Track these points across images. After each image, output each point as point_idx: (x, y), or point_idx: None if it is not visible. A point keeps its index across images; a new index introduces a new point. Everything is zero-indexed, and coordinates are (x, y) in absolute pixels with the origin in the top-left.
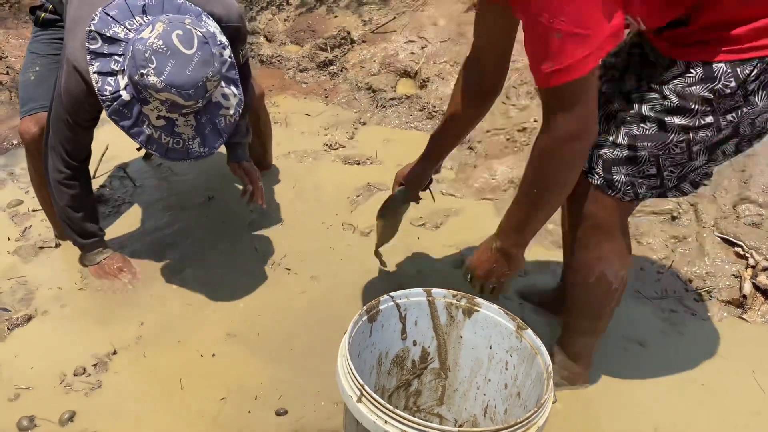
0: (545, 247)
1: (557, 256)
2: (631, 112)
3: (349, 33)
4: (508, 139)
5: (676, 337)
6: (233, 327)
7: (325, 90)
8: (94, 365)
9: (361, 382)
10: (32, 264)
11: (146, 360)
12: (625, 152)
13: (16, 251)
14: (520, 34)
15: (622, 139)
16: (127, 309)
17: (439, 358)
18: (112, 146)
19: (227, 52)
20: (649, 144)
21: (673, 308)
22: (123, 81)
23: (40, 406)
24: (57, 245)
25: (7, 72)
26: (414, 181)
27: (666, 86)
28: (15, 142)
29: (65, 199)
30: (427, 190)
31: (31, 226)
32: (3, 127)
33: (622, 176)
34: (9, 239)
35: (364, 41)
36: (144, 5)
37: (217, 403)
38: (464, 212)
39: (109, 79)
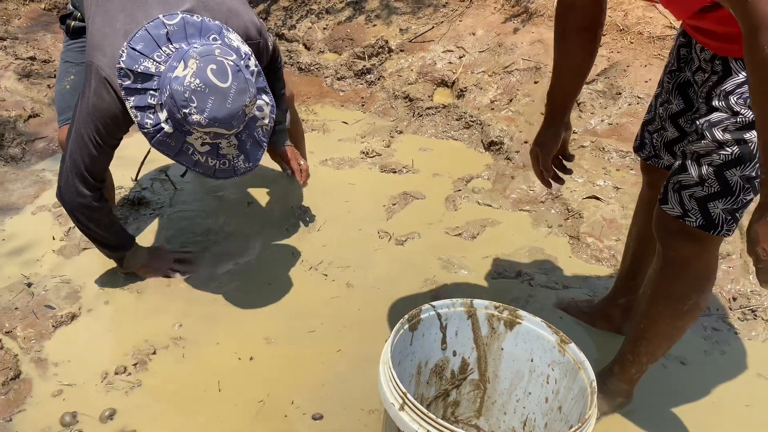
0: (584, 260)
1: (596, 269)
2: (703, 142)
3: (387, 42)
4: None
5: (718, 355)
6: (271, 331)
7: (362, 98)
8: (135, 364)
9: (404, 390)
10: (76, 263)
11: (185, 361)
12: (716, 186)
13: (61, 250)
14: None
15: (707, 173)
16: (166, 310)
17: (479, 369)
18: (154, 151)
19: (253, 62)
20: (737, 169)
21: (716, 326)
22: (163, 115)
23: (82, 402)
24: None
25: (55, 75)
26: (545, 144)
27: (729, 100)
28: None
29: (93, 221)
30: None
31: (74, 226)
32: (50, 128)
33: (720, 211)
34: (54, 239)
35: (401, 50)
36: (167, 33)
37: (255, 406)
38: (501, 223)
39: (147, 112)
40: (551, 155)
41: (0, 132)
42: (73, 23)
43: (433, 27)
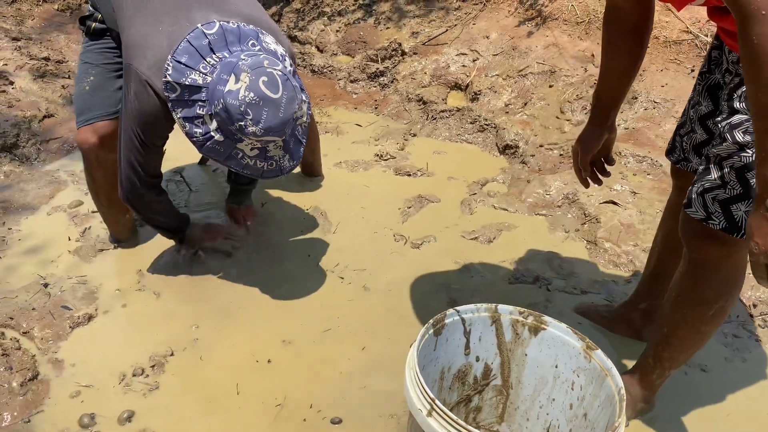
0: (601, 265)
1: (614, 274)
2: (725, 144)
3: (400, 45)
4: (561, 155)
5: (739, 363)
6: (288, 334)
7: (376, 101)
8: (153, 366)
9: (432, 395)
10: (92, 264)
11: (202, 363)
12: (739, 188)
13: (77, 251)
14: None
15: (729, 175)
16: (183, 311)
17: (502, 375)
18: (168, 150)
19: (288, 62)
20: None
21: (736, 333)
22: (213, 124)
23: (100, 404)
24: (115, 247)
25: (68, 76)
26: (586, 143)
27: None
28: (76, 144)
29: (156, 213)
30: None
31: (90, 227)
32: (64, 129)
33: (743, 214)
34: (70, 239)
35: (414, 53)
36: (209, 43)
37: (273, 409)
38: (517, 227)
39: (196, 121)
40: (591, 154)
41: (15, 132)
42: (93, 24)
43: (446, 30)
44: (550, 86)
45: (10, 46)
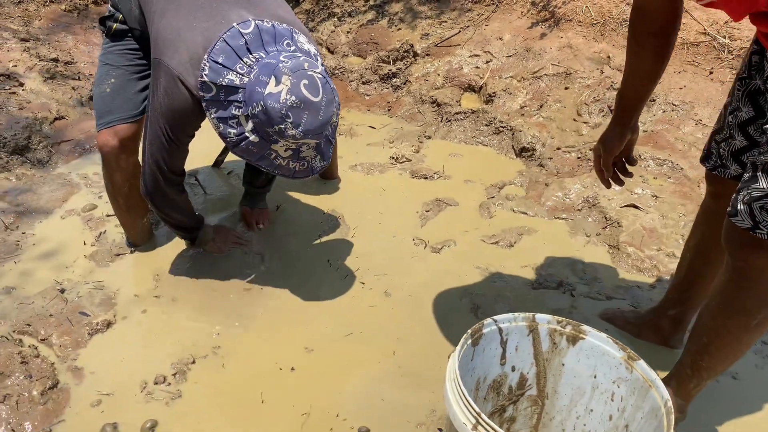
0: (625, 270)
1: (638, 279)
2: None
3: (412, 46)
4: (579, 157)
5: None
6: (310, 340)
7: (388, 102)
8: (174, 374)
9: (477, 409)
10: (108, 269)
11: (225, 371)
12: None
13: (92, 256)
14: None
15: None
16: (203, 318)
17: (537, 385)
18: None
19: (320, 61)
20: None
21: (766, 340)
22: (248, 126)
23: (122, 413)
24: (132, 251)
25: (78, 77)
26: (609, 143)
27: None
28: (87, 146)
29: (176, 210)
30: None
31: (105, 231)
32: (75, 131)
33: None
34: (85, 243)
35: (427, 54)
36: (246, 42)
37: (299, 419)
38: (537, 231)
39: (231, 122)
40: (614, 155)
41: (26, 135)
42: (114, 25)
43: (459, 31)
44: (566, 88)
45: (19, 47)
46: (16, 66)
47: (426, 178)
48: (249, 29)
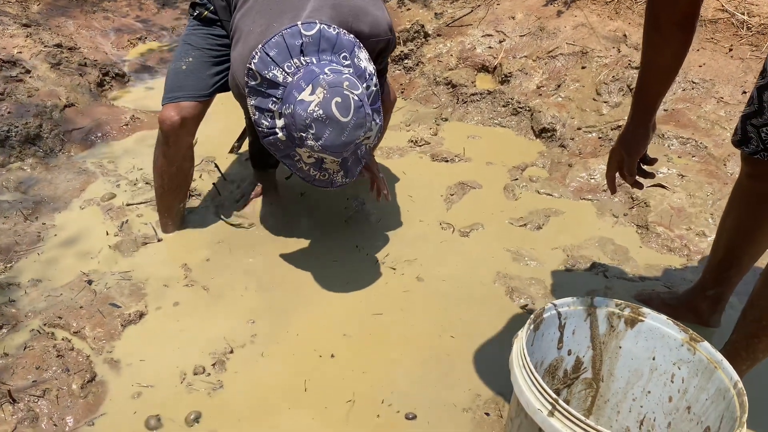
0: (655, 250)
1: (669, 260)
2: None
3: (422, 26)
4: (600, 138)
5: None
6: (347, 327)
7: (401, 85)
8: (213, 364)
9: (554, 396)
10: (134, 259)
11: (264, 360)
12: None
13: (116, 246)
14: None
15: None
16: (236, 306)
17: (593, 368)
18: (200, 140)
19: (374, 82)
20: None
21: None
22: (280, 122)
23: (164, 405)
24: (159, 240)
25: (85, 63)
26: (633, 146)
27: None
28: (99, 134)
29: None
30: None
31: (127, 220)
32: (86, 118)
33: None
34: (108, 233)
35: (438, 35)
36: (302, 44)
37: (344, 406)
38: (564, 213)
39: (266, 114)
40: (639, 157)
41: (37, 123)
42: (205, 12)
43: (471, 11)
44: (583, 67)
45: (22, 33)
46: (21, 53)
47: (447, 161)
48: (311, 32)
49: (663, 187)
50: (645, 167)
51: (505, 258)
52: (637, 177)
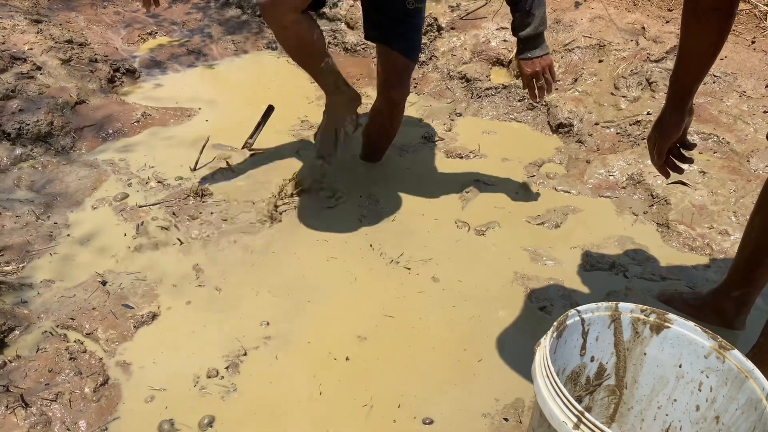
0: (676, 249)
1: (691, 259)
2: None
3: (436, 19)
4: (618, 133)
5: None
6: (362, 329)
7: (414, 79)
8: (227, 367)
9: (580, 408)
10: (149, 259)
11: (279, 363)
12: None
13: (129, 246)
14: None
15: None
16: (249, 307)
17: (616, 374)
18: (215, 137)
19: None
20: None
21: None
22: None
23: (177, 408)
24: (180, 243)
25: (96, 59)
26: (666, 130)
27: None
28: (111, 131)
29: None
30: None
31: (143, 222)
32: (98, 115)
33: None
34: (121, 234)
35: (452, 28)
36: None
37: (361, 411)
38: (583, 210)
39: None
40: (671, 142)
41: (48, 120)
42: None
43: (485, 3)
44: (600, 61)
45: (33, 29)
46: (32, 49)
47: (461, 157)
48: None
49: (684, 184)
50: (684, 152)
51: (522, 258)
52: (675, 161)
